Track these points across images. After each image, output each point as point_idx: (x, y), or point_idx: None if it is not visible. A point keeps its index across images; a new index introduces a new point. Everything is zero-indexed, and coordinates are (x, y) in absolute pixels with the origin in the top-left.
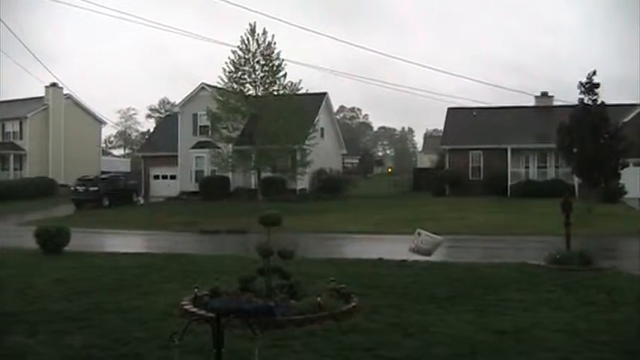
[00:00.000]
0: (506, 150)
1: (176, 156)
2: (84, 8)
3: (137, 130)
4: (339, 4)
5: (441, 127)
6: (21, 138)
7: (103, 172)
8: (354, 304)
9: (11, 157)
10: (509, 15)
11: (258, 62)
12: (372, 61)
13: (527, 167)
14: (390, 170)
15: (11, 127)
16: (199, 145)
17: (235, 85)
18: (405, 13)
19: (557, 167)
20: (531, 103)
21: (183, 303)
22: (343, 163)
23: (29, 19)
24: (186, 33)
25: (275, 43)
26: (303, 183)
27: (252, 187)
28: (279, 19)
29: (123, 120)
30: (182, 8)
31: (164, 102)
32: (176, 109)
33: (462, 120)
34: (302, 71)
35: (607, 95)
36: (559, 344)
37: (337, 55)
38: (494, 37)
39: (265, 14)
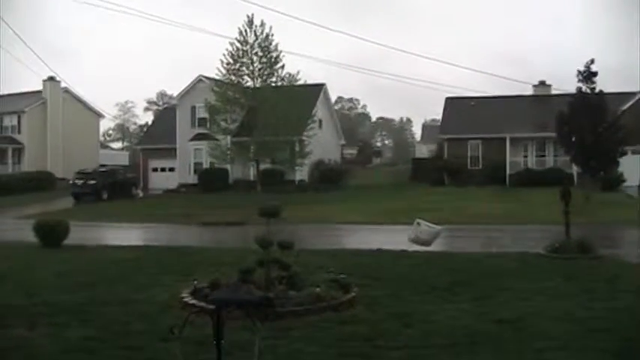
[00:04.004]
0: (504, 139)
1: (175, 148)
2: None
3: (135, 123)
4: None
5: (439, 117)
6: (19, 132)
7: (101, 166)
8: (353, 294)
9: (9, 151)
10: (507, 5)
11: (256, 54)
12: (370, 52)
13: (525, 156)
14: None
15: (9, 121)
16: (198, 138)
17: (233, 77)
18: (403, 4)
19: (555, 156)
20: (529, 92)
21: (183, 295)
22: (342, 153)
23: (27, 12)
24: (185, 25)
25: (273, 35)
26: (302, 174)
27: (251, 178)
28: (278, 11)
29: (121, 113)
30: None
31: (162, 94)
32: (174, 102)
33: (461, 109)
34: (300, 62)
35: (608, 84)
36: (559, 333)
37: (335, 46)
38: (492, 27)
39: (263, 6)
